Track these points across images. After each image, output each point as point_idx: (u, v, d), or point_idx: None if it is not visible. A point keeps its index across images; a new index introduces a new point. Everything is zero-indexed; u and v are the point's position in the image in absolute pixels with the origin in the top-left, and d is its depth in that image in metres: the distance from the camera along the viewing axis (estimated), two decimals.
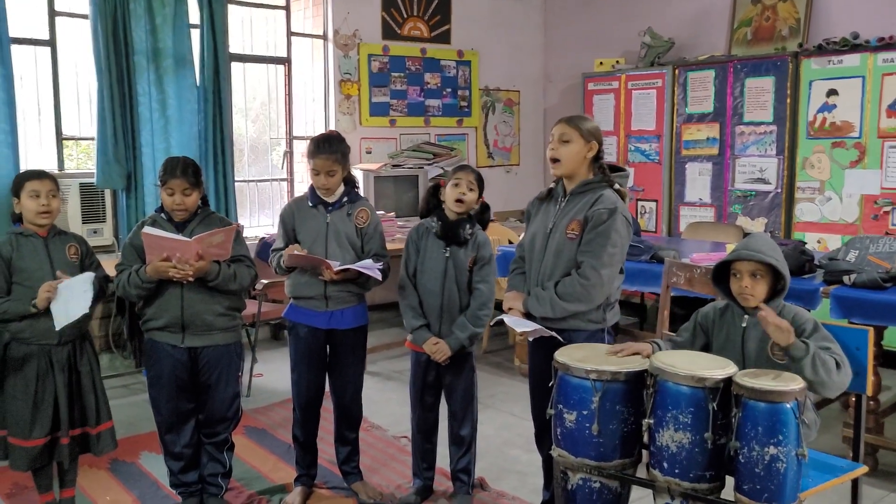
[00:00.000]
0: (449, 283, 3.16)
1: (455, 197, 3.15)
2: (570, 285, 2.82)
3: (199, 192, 3.09)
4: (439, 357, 3.13)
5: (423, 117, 6.97)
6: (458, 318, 3.15)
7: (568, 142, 2.87)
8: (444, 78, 7.06)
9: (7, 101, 4.73)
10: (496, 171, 7.57)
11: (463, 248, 3.17)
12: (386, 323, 6.13)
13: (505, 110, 7.61)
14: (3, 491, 3.38)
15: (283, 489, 3.44)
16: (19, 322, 2.86)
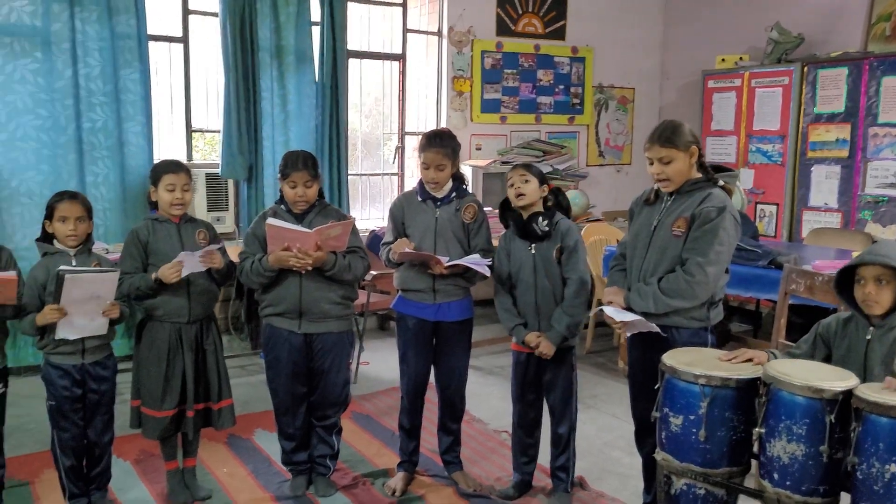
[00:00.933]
0: (540, 278, 3.16)
1: (514, 195, 3.15)
2: (675, 281, 2.78)
3: (317, 184, 3.22)
4: (543, 351, 3.14)
5: (534, 114, 6.96)
6: (555, 310, 3.15)
7: (671, 162, 2.83)
8: (557, 75, 7.02)
9: (143, 96, 5.06)
10: (606, 170, 7.48)
11: (546, 241, 3.16)
12: (489, 319, 6.15)
13: (618, 108, 7.50)
14: (132, 457, 3.65)
15: (385, 473, 3.55)
16: (153, 300, 3.07)
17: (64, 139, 4.80)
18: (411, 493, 3.37)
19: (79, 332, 2.90)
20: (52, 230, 2.97)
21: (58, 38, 4.73)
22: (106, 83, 4.90)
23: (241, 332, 5.57)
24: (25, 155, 4.72)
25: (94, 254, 3.08)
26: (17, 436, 3.69)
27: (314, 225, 3.17)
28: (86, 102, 4.86)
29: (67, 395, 2.97)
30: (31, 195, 4.73)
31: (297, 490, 3.35)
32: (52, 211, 2.96)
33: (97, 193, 4.90)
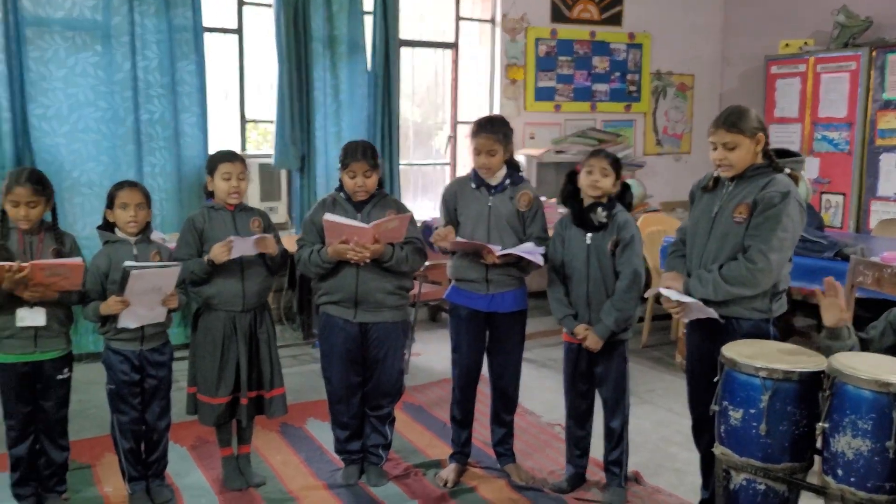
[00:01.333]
0: (593, 269, 3.10)
1: (589, 184, 3.08)
2: (736, 268, 2.69)
3: (377, 174, 3.21)
4: (590, 345, 3.07)
5: (589, 102, 6.84)
6: (605, 303, 3.08)
7: (735, 147, 2.73)
8: (612, 62, 6.89)
9: (199, 87, 5.13)
10: (664, 159, 7.32)
11: (603, 232, 3.09)
12: (542, 311, 6.04)
13: (677, 95, 7.32)
14: (189, 443, 3.71)
15: (437, 464, 3.53)
16: (209, 288, 3.11)
17: (123, 130, 4.91)
18: (463, 485, 3.35)
19: (139, 321, 2.97)
20: (113, 218, 3.03)
21: (117, 32, 4.82)
22: (163, 75, 4.98)
23: (293, 322, 5.63)
24: (86, 146, 4.83)
25: (153, 242, 3.13)
26: (79, 420, 3.78)
27: (372, 216, 3.17)
28: (144, 94, 4.95)
29: (126, 380, 3.04)
30: (91, 185, 4.85)
31: (349, 479, 3.36)
32: (113, 199, 3.02)
33: (154, 184, 4.99)
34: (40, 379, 2.96)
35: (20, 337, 2.89)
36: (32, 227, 2.91)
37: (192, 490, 3.27)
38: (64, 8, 4.71)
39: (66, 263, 2.81)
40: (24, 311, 2.86)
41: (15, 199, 2.84)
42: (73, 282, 2.85)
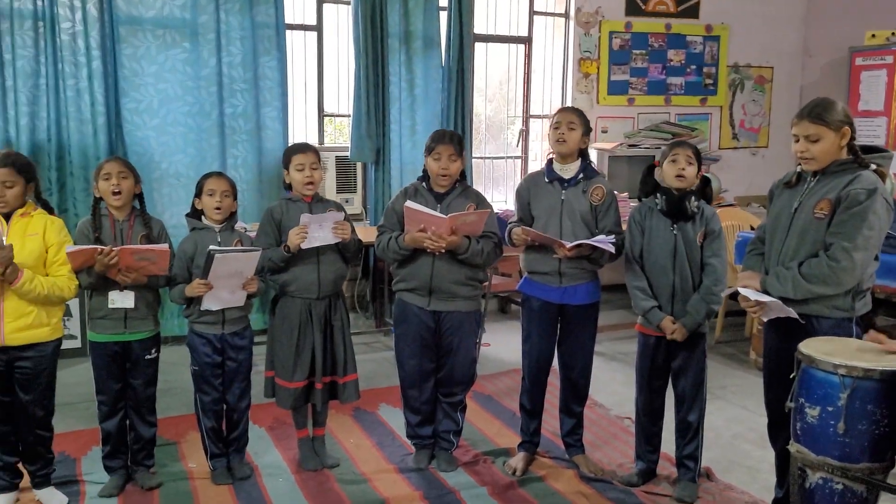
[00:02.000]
0: (680, 261, 3.07)
1: (675, 173, 3.06)
2: (817, 266, 2.63)
3: (461, 161, 3.27)
4: (678, 338, 3.06)
5: (663, 96, 6.75)
6: (692, 296, 3.06)
7: (818, 140, 2.66)
8: (688, 54, 6.78)
9: (280, 82, 5.30)
10: (740, 154, 7.16)
11: (691, 223, 3.07)
12: (612, 304, 6.07)
13: (755, 88, 7.15)
14: (267, 424, 3.86)
15: (506, 453, 3.58)
16: (286, 276, 3.23)
17: (208, 124, 5.11)
18: (532, 474, 3.39)
19: (221, 304, 3.11)
20: (201, 206, 3.18)
21: (204, 29, 5.02)
22: (246, 70, 5.16)
23: (366, 310, 5.75)
24: (174, 139, 5.05)
25: (236, 231, 3.27)
26: (166, 399, 3.97)
27: (453, 206, 3.23)
28: (228, 89, 5.14)
29: (209, 362, 3.19)
30: (178, 176, 5.07)
31: (420, 463, 3.44)
32: (201, 187, 3.17)
33: (236, 175, 5.17)
34: (129, 358, 3.14)
35: (111, 318, 3.07)
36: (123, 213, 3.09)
37: (269, 468, 3.41)
38: (155, 7, 4.93)
39: (154, 249, 2.98)
40: (115, 294, 3.04)
41: (107, 172, 3.03)
42: (160, 266, 3.02)
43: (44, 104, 4.72)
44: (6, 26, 4.56)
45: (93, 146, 4.79)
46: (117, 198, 3.04)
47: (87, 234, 3.04)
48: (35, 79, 4.68)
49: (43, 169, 4.73)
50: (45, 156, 4.75)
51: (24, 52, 4.62)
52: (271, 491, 3.21)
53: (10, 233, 2.84)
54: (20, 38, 4.61)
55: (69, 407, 3.94)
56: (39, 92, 4.71)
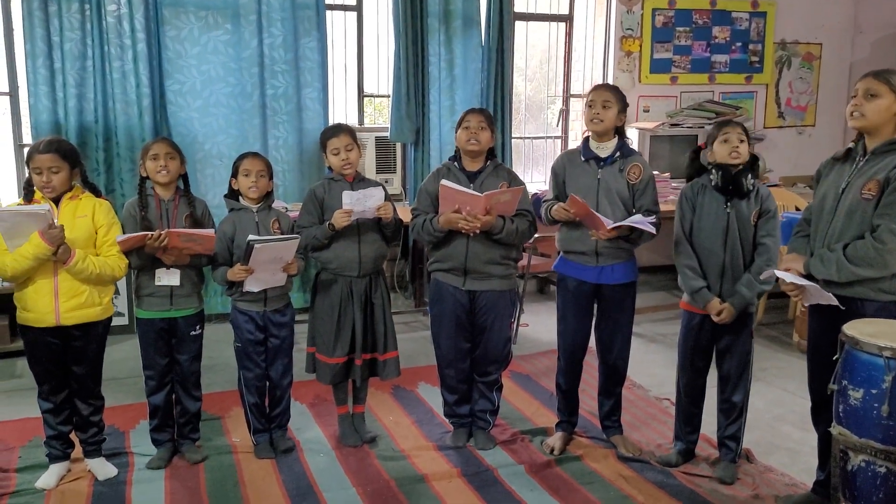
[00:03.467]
0: (732, 239, 3.03)
1: (728, 152, 3.01)
2: (863, 248, 2.58)
3: (491, 132, 3.27)
4: (725, 319, 3.03)
5: (707, 74, 6.63)
6: (743, 275, 3.02)
7: (875, 96, 2.60)
8: (734, 31, 6.63)
9: (320, 63, 5.32)
10: (786, 133, 7.01)
11: (745, 202, 3.02)
12: (651, 286, 6.02)
13: (802, 65, 6.97)
14: (307, 400, 3.93)
15: (544, 432, 3.59)
16: (328, 254, 3.28)
17: (249, 105, 5.16)
18: (569, 453, 3.40)
19: (262, 285, 3.18)
20: (237, 186, 3.24)
21: (245, 11, 5.06)
22: (287, 52, 5.19)
23: (405, 290, 5.80)
24: (217, 120, 5.12)
25: (273, 210, 3.32)
26: (209, 375, 4.06)
27: (486, 184, 3.23)
28: (269, 70, 5.18)
29: (251, 339, 3.26)
30: (220, 157, 5.14)
31: (457, 441, 3.47)
32: (237, 168, 3.22)
33: (277, 155, 5.23)
34: (175, 334, 3.23)
35: (158, 295, 3.16)
36: (168, 193, 3.17)
37: (310, 444, 3.48)
38: None
39: (201, 233, 3.08)
40: (161, 272, 3.13)
41: (155, 152, 3.10)
42: (206, 247, 3.11)
43: (91, 86, 4.81)
44: (54, 9, 4.66)
45: (138, 128, 4.88)
46: (163, 176, 3.11)
47: (133, 215, 3.12)
48: (82, 61, 4.78)
49: (90, 150, 4.84)
50: (93, 137, 4.86)
51: (71, 34, 4.72)
52: (312, 466, 3.28)
53: (60, 216, 2.93)
54: (68, 21, 4.70)
55: (117, 382, 4.06)
56: (86, 74, 4.80)
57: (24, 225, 2.80)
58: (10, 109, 4.98)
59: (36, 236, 2.80)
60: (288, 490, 3.08)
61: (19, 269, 2.84)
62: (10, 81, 4.91)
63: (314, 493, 3.06)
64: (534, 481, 3.17)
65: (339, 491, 3.08)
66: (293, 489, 3.09)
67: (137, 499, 3.02)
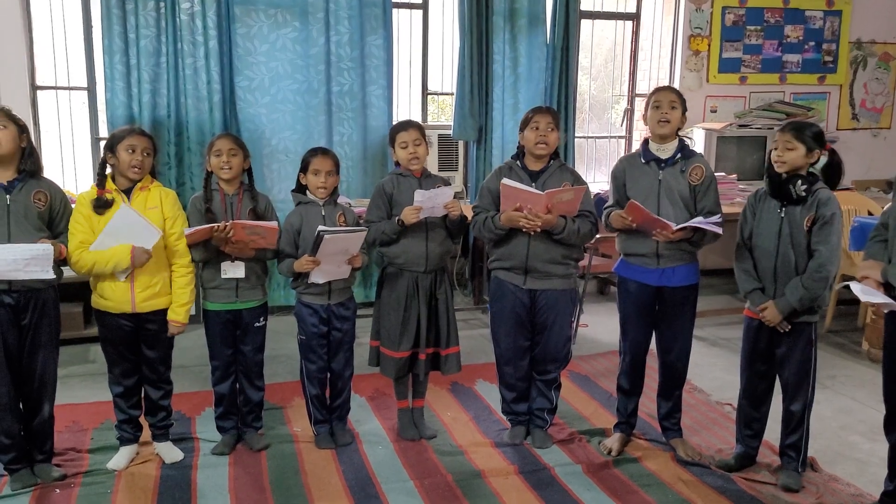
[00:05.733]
0: (783, 244, 2.97)
1: (774, 159, 2.98)
2: None
3: (558, 133, 3.26)
4: (769, 320, 2.98)
5: (778, 74, 6.46)
6: (791, 280, 2.96)
7: None
8: (807, 30, 6.45)
9: (386, 60, 5.38)
10: (861, 135, 6.79)
11: (800, 207, 2.95)
12: (716, 289, 5.90)
13: (879, 66, 6.74)
14: (367, 393, 3.99)
15: (602, 433, 3.57)
16: (396, 249, 3.31)
17: (316, 102, 5.25)
18: (627, 455, 3.37)
19: (327, 277, 3.23)
20: (306, 182, 3.30)
21: (314, 9, 5.15)
22: (353, 49, 5.26)
23: (465, 287, 5.82)
24: (284, 116, 5.22)
25: (339, 205, 3.38)
26: (272, 366, 4.16)
27: (548, 184, 3.23)
28: (335, 67, 5.26)
29: (315, 332, 3.32)
30: (287, 153, 5.24)
31: (515, 438, 3.47)
32: (307, 164, 3.28)
33: (341, 152, 5.30)
34: (240, 325, 3.31)
35: (224, 288, 3.24)
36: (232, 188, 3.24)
37: (369, 436, 3.53)
38: None
39: (264, 225, 3.13)
40: (227, 265, 3.21)
41: (218, 149, 3.19)
42: (269, 241, 3.17)
43: (164, 82, 4.96)
44: (131, 7, 4.81)
45: (209, 123, 5.02)
46: (226, 172, 3.19)
47: (199, 208, 3.20)
48: (157, 58, 4.93)
49: (162, 144, 4.99)
50: (165, 132, 5.00)
51: (146, 31, 4.87)
52: (371, 457, 3.33)
53: (133, 205, 3.03)
54: (143, 19, 4.85)
55: (184, 370, 4.19)
56: (160, 70, 4.95)
57: (130, 232, 2.94)
58: (87, 104, 5.18)
59: (127, 251, 2.93)
60: (347, 480, 3.14)
61: (97, 269, 2.97)
62: (89, 77, 5.11)
63: (373, 485, 3.10)
64: (591, 481, 3.15)
65: (398, 483, 3.11)
66: (352, 480, 3.14)
67: (203, 483, 3.11)
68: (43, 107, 5.13)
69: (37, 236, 2.90)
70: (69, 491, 3.03)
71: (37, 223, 2.93)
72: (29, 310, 2.94)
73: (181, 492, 3.04)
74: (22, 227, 2.88)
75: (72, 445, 3.37)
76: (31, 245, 2.83)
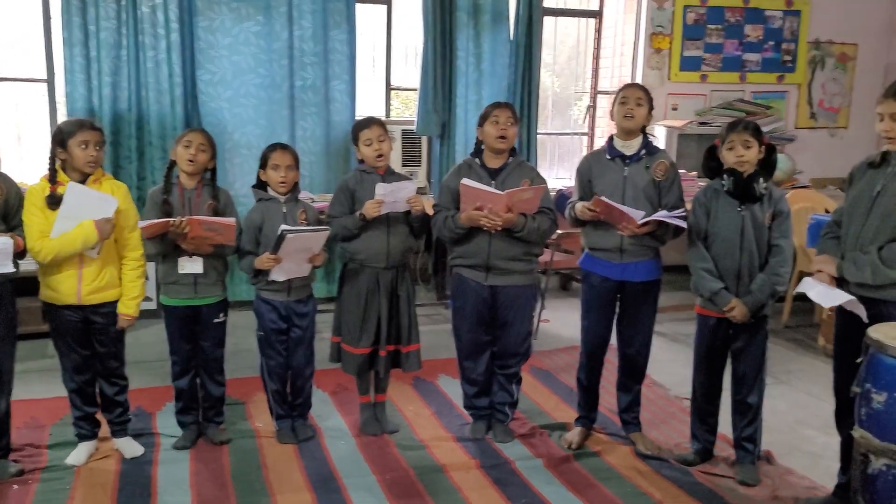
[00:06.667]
0: (747, 242, 3.02)
1: (733, 161, 3.01)
2: None
3: (517, 127, 3.28)
4: (738, 318, 3.02)
5: (738, 73, 6.57)
6: (757, 276, 3.02)
7: None
8: (767, 30, 6.56)
9: (349, 56, 5.36)
10: (818, 134, 6.93)
11: (759, 205, 3.01)
12: (673, 286, 5.95)
13: (837, 66, 6.89)
14: (330, 389, 3.98)
15: (563, 427, 3.60)
16: (357, 245, 3.31)
17: (279, 96, 5.22)
18: (587, 448, 3.41)
19: (287, 275, 3.22)
20: (266, 178, 3.28)
21: (277, 3, 5.12)
22: (316, 44, 5.23)
23: (427, 282, 5.83)
24: (246, 110, 5.18)
25: (300, 201, 3.36)
26: (234, 361, 4.12)
27: (507, 182, 3.25)
28: (298, 62, 5.23)
29: (274, 328, 3.31)
30: (249, 147, 5.19)
31: (476, 433, 3.49)
32: (266, 160, 3.26)
33: (304, 147, 5.28)
34: (199, 321, 3.29)
35: (182, 283, 3.22)
36: (193, 182, 3.21)
37: (331, 431, 3.52)
38: None
39: (221, 221, 3.11)
40: (184, 260, 3.19)
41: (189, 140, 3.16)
42: (226, 237, 3.15)
43: (125, 75, 4.89)
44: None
45: (170, 116, 4.96)
46: (189, 165, 3.16)
47: (156, 200, 3.17)
48: (117, 50, 4.86)
49: (123, 138, 4.93)
50: (126, 125, 4.94)
51: (107, 23, 4.80)
52: (333, 452, 3.33)
53: None
54: (104, 10, 4.78)
55: (145, 365, 4.14)
56: (121, 63, 4.88)
57: (86, 208, 2.89)
58: (46, 96, 5.08)
59: (90, 224, 2.88)
60: (309, 475, 3.13)
61: (63, 253, 2.91)
62: (48, 69, 5.01)
63: (335, 479, 3.10)
64: (551, 475, 3.19)
65: (359, 478, 3.12)
66: (314, 475, 3.14)
67: (163, 478, 3.09)
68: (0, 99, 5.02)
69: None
70: (27, 487, 2.99)
71: None
72: None
73: (141, 487, 3.01)
74: None
75: (30, 441, 3.32)
76: None
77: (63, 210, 2.88)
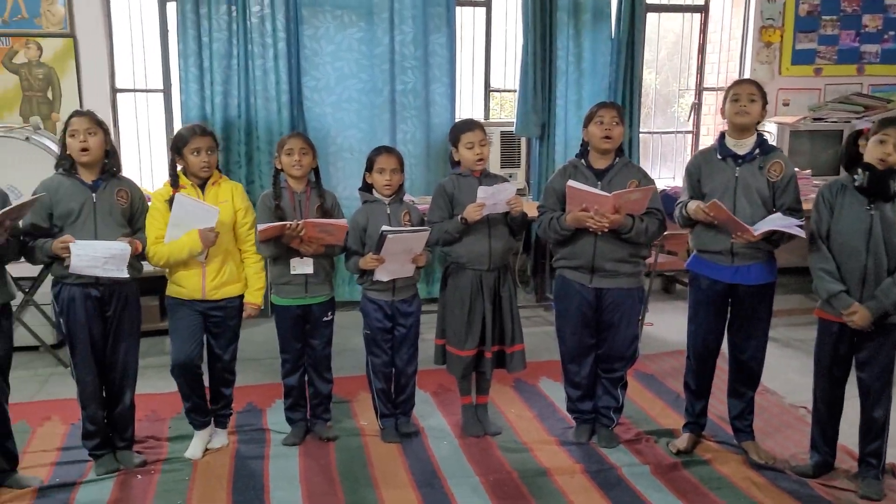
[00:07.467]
0: (875, 243, 2.84)
1: (878, 155, 2.81)
2: None
3: (622, 128, 3.22)
4: (859, 324, 2.86)
5: (855, 65, 6.23)
6: (884, 280, 2.84)
7: None
8: (887, 19, 6.19)
9: (449, 59, 5.40)
10: None
11: (891, 204, 2.83)
12: (788, 288, 5.73)
13: None
14: (431, 389, 4.01)
15: (670, 433, 3.51)
16: (459, 248, 3.32)
17: (380, 100, 5.31)
18: (697, 456, 3.31)
19: (391, 275, 3.27)
20: (371, 180, 3.34)
21: (378, 9, 5.21)
22: (417, 48, 5.29)
23: (527, 284, 5.79)
24: (349, 115, 5.30)
25: (404, 203, 3.41)
26: (338, 360, 4.18)
27: (614, 183, 3.19)
28: (399, 66, 5.30)
29: (380, 327, 3.37)
30: (351, 151, 5.31)
31: (580, 437, 3.45)
32: (372, 163, 3.33)
33: (405, 150, 5.31)
34: (309, 320, 3.38)
35: (293, 284, 3.32)
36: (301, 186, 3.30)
37: (434, 431, 3.55)
38: None
39: (334, 223, 3.20)
40: (296, 261, 3.29)
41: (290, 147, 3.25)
42: (337, 238, 3.24)
43: (235, 83, 5.09)
44: (204, 11, 4.96)
45: (277, 122, 5.12)
46: (297, 170, 3.25)
47: (268, 205, 3.28)
48: (228, 60, 5.06)
49: (233, 143, 5.13)
50: (236, 131, 5.14)
51: (218, 34, 5.01)
52: (436, 452, 3.35)
53: (207, 200, 3.15)
54: (216, 23, 4.99)
55: (256, 362, 4.30)
56: (231, 72, 5.08)
57: (192, 217, 3.04)
58: (163, 105, 5.36)
59: (195, 234, 3.04)
60: (413, 473, 3.17)
61: (173, 259, 3.10)
62: (164, 79, 5.28)
63: (438, 479, 3.13)
64: (659, 482, 3.11)
65: (463, 478, 3.13)
66: (418, 474, 3.17)
67: (275, 472, 3.19)
68: (122, 108, 5.33)
69: (120, 232, 3.03)
70: (150, 477, 3.16)
71: (120, 220, 3.06)
72: (112, 302, 3.07)
73: (255, 480, 3.13)
74: (107, 224, 3.01)
75: (151, 434, 3.50)
76: (111, 243, 2.95)
77: (172, 219, 3.06)
